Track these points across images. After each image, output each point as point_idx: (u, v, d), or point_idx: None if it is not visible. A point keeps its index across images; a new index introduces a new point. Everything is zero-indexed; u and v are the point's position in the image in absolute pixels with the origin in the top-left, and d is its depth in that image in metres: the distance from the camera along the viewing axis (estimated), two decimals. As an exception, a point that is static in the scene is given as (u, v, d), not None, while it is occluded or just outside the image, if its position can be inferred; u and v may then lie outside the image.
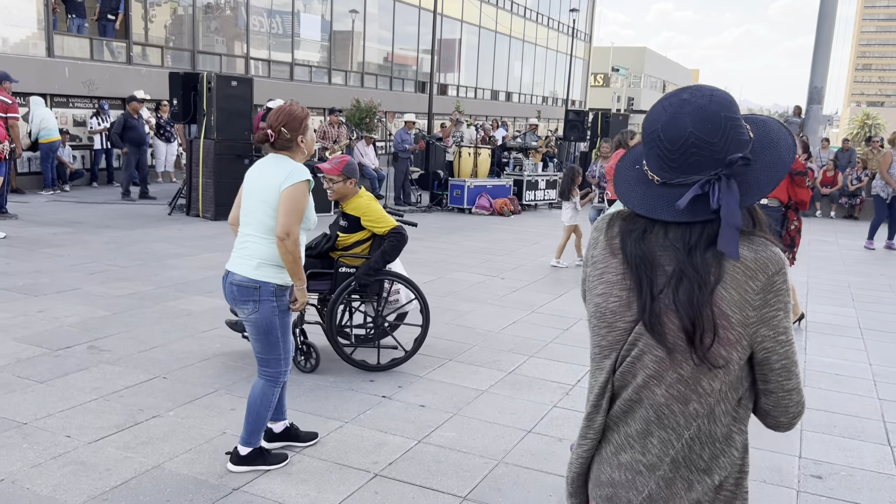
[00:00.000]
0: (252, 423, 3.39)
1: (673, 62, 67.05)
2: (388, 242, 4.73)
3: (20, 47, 13.78)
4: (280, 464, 3.47)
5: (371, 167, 15.03)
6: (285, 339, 3.37)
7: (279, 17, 20.29)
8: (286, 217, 3.20)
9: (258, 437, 3.43)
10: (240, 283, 3.25)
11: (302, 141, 3.32)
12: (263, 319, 3.28)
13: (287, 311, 3.37)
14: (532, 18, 35.82)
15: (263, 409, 3.38)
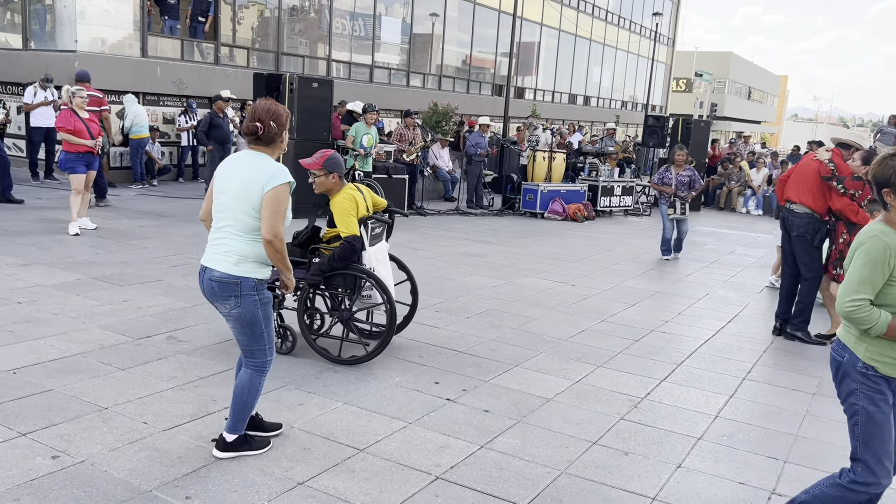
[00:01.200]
0: (239, 412, 3.49)
1: (760, 68, 64.77)
2: (338, 248, 4.80)
3: (117, 48, 14.47)
4: (264, 448, 3.58)
5: (445, 170, 15.12)
6: (269, 330, 3.47)
7: (361, 20, 20.63)
8: (272, 219, 3.26)
9: (244, 425, 3.53)
10: (220, 279, 3.32)
11: (283, 139, 3.42)
12: (247, 314, 3.37)
13: (268, 302, 3.44)
14: (613, 22, 35.28)
15: (251, 398, 3.49)
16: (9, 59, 14.36)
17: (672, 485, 3.56)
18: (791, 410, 4.68)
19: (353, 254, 4.77)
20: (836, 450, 4.11)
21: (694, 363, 5.51)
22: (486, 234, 11.23)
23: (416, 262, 8.54)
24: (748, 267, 10.02)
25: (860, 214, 5.98)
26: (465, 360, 5.18)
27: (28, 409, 3.84)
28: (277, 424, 3.83)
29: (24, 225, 8.83)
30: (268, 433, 3.74)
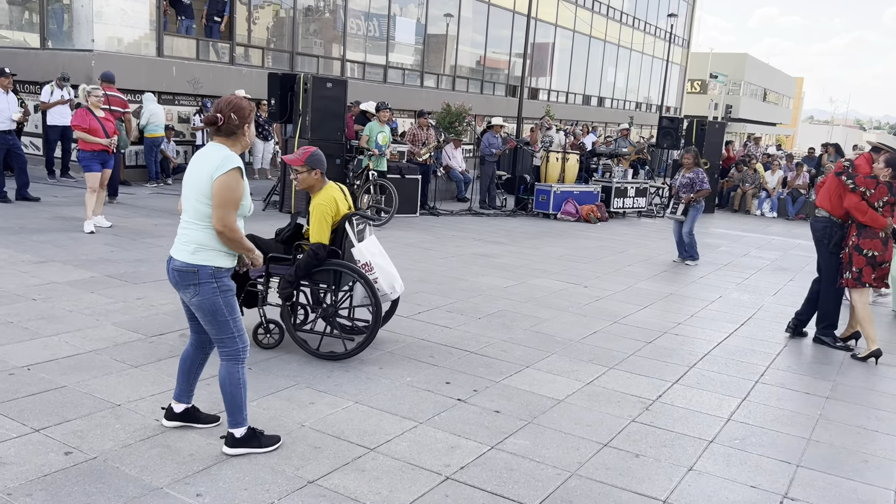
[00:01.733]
0: (230, 405, 3.49)
1: (775, 69, 64.32)
2: (303, 258, 4.82)
3: (133, 47, 14.57)
4: (274, 446, 3.57)
5: (458, 170, 15.12)
6: (234, 318, 3.45)
7: (376, 21, 20.68)
8: (220, 209, 3.29)
9: (242, 416, 3.51)
10: (179, 268, 3.36)
11: (246, 131, 3.43)
12: (206, 301, 3.38)
13: (228, 290, 3.43)
14: (628, 23, 35.15)
15: (235, 388, 3.48)
16: (27, 58, 14.50)
17: (683, 488, 3.54)
18: (804, 414, 4.64)
19: (317, 263, 4.78)
20: (849, 454, 4.07)
21: (706, 366, 5.48)
22: (498, 234, 11.22)
23: (429, 262, 8.54)
24: (762, 269, 9.95)
25: (868, 214, 5.83)
26: (476, 360, 5.17)
27: (42, 405, 3.88)
28: (214, 417, 3.82)
29: (40, 222, 8.91)
30: (204, 424, 3.75)
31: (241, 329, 3.49)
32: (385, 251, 5.30)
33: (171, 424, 3.73)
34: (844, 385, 5.30)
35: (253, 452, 3.52)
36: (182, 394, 3.74)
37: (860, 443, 4.25)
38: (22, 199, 10.29)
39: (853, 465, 3.94)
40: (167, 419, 3.74)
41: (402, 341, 5.46)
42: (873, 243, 5.90)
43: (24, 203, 10.18)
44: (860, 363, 5.87)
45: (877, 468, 3.93)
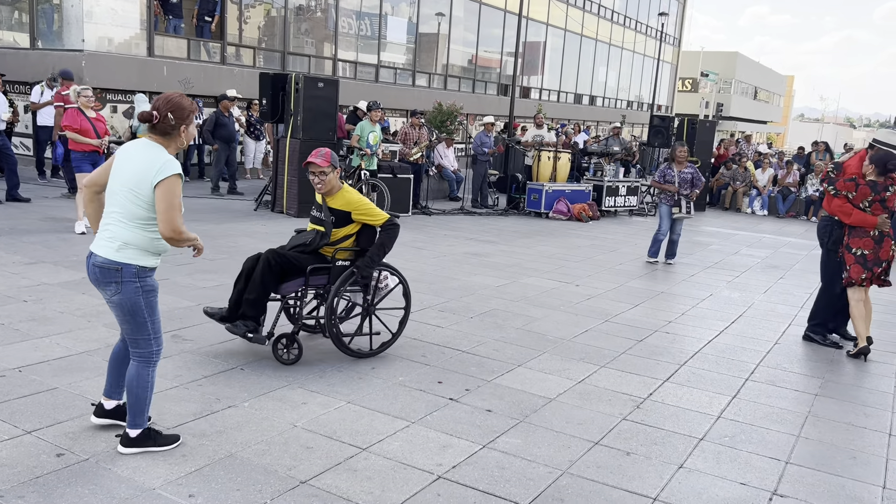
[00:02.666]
0: (133, 405, 3.43)
1: (766, 68, 64.58)
2: (385, 234, 4.94)
3: (123, 47, 14.53)
4: (172, 444, 3.52)
5: (450, 169, 15.13)
6: (153, 320, 3.40)
7: (367, 20, 20.67)
8: (167, 213, 3.23)
9: (143, 419, 3.46)
10: (101, 264, 3.29)
11: (183, 132, 3.36)
12: (127, 301, 3.32)
13: (151, 291, 3.38)
14: (619, 22, 35.24)
15: (141, 390, 3.43)
16: (16, 58, 14.44)
17: (674, 485, 3.57)
18: (793, 411, 4.68)
19: (398, 232, 5.03)
20: (837, 451, 4.11)
21: (697, 364, 5.51)
22: (490, 233, 11.24)
23: (421, 261, 8.55)
24: (752, 268, 10.00)
25: (854, 216, 5.88)
26: (468, 359, 5.19)
27: (33, 406, 3.87)
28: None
29: (30, 223, 8.88)
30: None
31: (158, 331, 3.44)
32: None
33: (100, 422, 3.66)
34: (834, 382, 5.34)
35: (148, 451, 3.46)
36: (112, 390, 3.66)
37: (849, 439, 4.29)
38: (12, 199, 10.24)
39: (842, 462, 3.97)
40: (96, 416, 3.67)
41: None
42: (863, 241, 5.93)
43: (14, 204, 10.13)
44: (850, 360, 5.92)
45: (865, 464, 3.96)
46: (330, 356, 5.01)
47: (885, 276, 6.05)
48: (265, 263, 4.76)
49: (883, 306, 8.04)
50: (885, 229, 5.93)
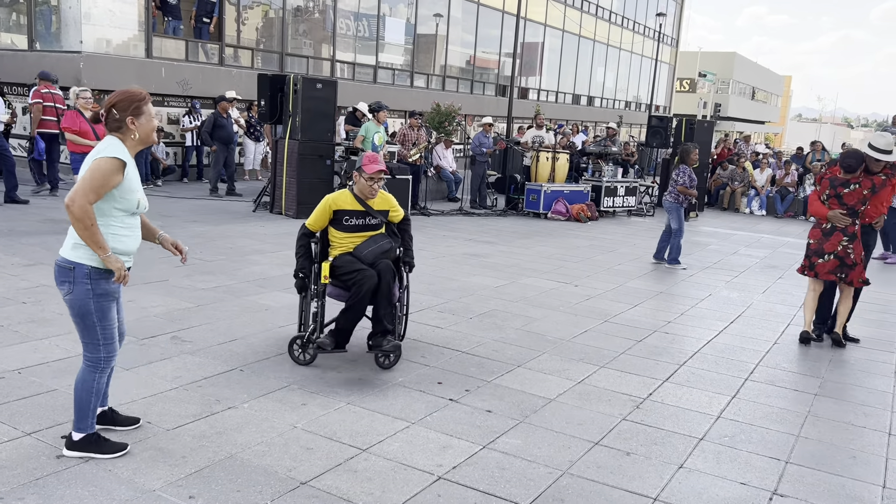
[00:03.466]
0: (77, 408, 3.37)
1: (764, 68, 64.67)
2: (409, 228, 5.18)
3: (122, 48, 14.52)
4: (117, 452, 3.41)
5: (449, 170, 15.13)
6: (103, 325, 3.29)
7: (365, 21, 20.67)
8: (80, 185, 3.10)
9: (86, 423, 3.38)
10: (58, 263, 3.26)
11: (133, 123, 3.24)
12: (77, 301, 3.23)
13: (104, 295, 3.26)
14: (617, 22, 35.27)
15: (85, 393, 3.35)
16: (14, 60, 14.43)
17: (674, 485, 3.57)
18: (793, 411, 4.68)
19: None
20: (837, 450, 4.11)
21: (696, 364, 5.52)
22: (489, 234, 11.24)
23: (420, 262, 8.53)
24: (751, 268, 10.01)
25: (811, 207, 6.22)
26: (467, 360, 5.19)
27: (33, 408, 3.87)
28: (134, 419, 3.71)
29: (29, 225, 8.87)
30: (122, 427, 3.65)
31: (108, 338, 3.33)
32: None
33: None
34: (833, 382, 5.34)
35: (93, 457, 3.37)
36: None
37: (848, 439, 4.30)
38: (10, 201, 10.23)
39: (842, 461, 3.98)
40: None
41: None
42: (812, 232, 6.20)
43: (12, 206, 10.12)
44: (850, 360, 5.93)
45: (865, 464, 3.97)
46: (329, 358, 5.01)
47: (841, 274, 6.05)
48: (391, 275, 4.82)
49: (881, 306, 8.05)
50: (839, 224, 6.01)
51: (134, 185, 3.29)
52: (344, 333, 4.81)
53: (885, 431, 4.46)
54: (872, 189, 5.93)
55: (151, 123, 3.32)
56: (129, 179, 3.26)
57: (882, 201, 6.06)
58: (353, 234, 4.92)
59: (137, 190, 3.31)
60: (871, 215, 6.09)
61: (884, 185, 5.97)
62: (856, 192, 5.96)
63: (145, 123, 3.29)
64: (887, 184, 5.98)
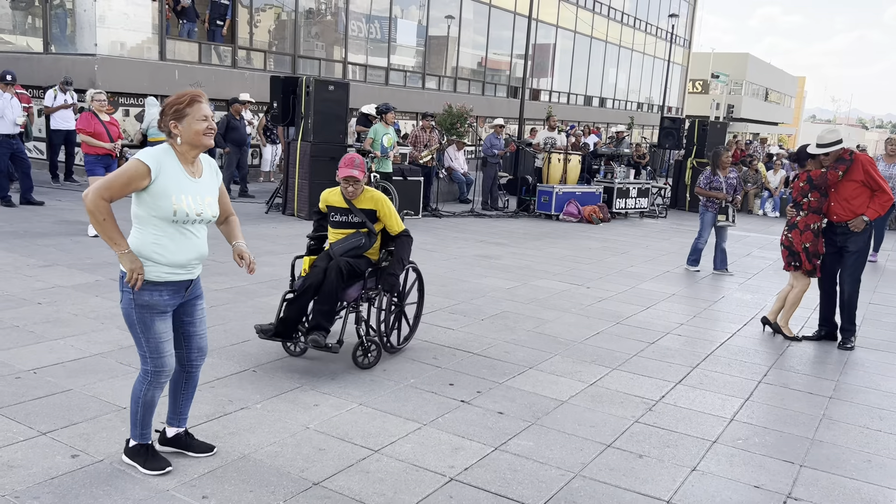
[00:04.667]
0: (130, 414, 3.33)
1: (777, 69, 64.28)
2: (404, 245, 5.03)
3: (136, 51, 14.62)
4: (155, 471, 3.29)
5: (460, 171, 15.14)
6: (147, 338, 3.18)
7: (377, 23, 20.71)
8: (99, 181, 3.10)
9: (136, 432, 3.33)
10: None
11: (175, 127, 3.16)
12: (123, 310, 3.19)
13: (147, 307, 3.15)
14: (629, 24, 35.17)
15: (133, 403, 3.29)
16: (30, 63, 14.56)
17: (686, 488, 3.56)
18: (807, 414, 4.65)
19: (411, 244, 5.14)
20: (852, 454, 4.08)
21: (709, 366, 5.49)
22: (500, 235, 11.24)
23: (431, 263, 8.56)
24: (764, 270, 9.95)
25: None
26: (479, 361, 5.19)
27: (48, 408, 3.90)
28: (209, 446, 3.56)
29: (44, 226, 8.95)
30: (195, 453, 3.51)
31: (154, 351, 3.20)
32: None
33: (164, 449, 3.49)
34: (847, 385, 5.30)
35: (135, 468, 3.32)
36: (171, 417, 3.53)
37: (863, 442, 4.26)
38: (26, 203, 10.33)
39: (856, 465, 3.95)
40: (160, 443, 3.52)
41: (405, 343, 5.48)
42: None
43: (28, 207, 10.22)
44: (864, 362, 5.88)
45: (880, 467, 3.94)
46: (341, 358, 5.03)
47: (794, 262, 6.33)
48: (338, 272, 4.71)
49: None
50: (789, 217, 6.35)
51: (168, 191, 3.13)
52: (286, 322, 4.78)
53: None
54: (809, 181, 6.14)
55: (194, 126, 3.16)
56: (162, 186, 3.12)
57: (845, 199, 6.04)
58: (337, 230, 5.04)
59: (172, 196, 3.13)
60: (837, 213, 6.08)
61: (823, 178, 6.08)
62: (795, 184, 6.33)
63: (187, 127, 3.16)
64: (827, 176, 6.06)
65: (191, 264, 3.29)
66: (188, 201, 3.19)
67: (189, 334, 3.40)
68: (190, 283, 3.32)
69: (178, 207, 3.16)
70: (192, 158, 3.28)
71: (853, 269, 6.16)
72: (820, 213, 6.15)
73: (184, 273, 3.26)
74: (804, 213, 6.19)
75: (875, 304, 8.05)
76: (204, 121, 3.19)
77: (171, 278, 3.21)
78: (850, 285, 6.18)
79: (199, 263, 3.37)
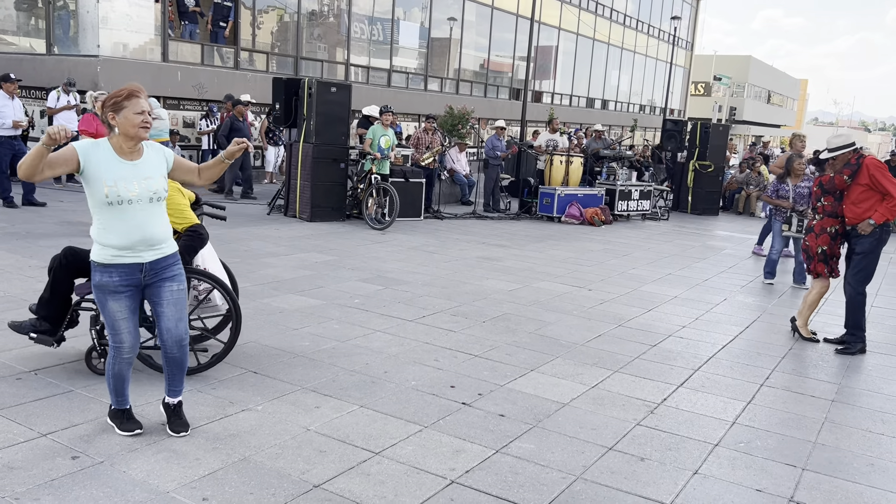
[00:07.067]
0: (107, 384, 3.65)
1: (779, 71, 64.23)
2: (182, 241, 4.43)
3: (138, 52, 14.64)
4: (126, 432, 3.64)
5: (462, 173, 15.13)
6: (105, 315, 3.47)
7: (380, 25, 20.73)
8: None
9: (113, 398, 3.66)
10: None
11: (113, 119, 3.35)
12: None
13: (100, 287, 3.41)
14: (631, 26, 35.17)
15: (106, 374, 3.60)
16: (33, 64, 14.58)
17: (688, 491, 3.54)
18: (810, 417, 4.63)
19: (201, 244, 4.55)
20: (855, 458, 4.06)
21: (711, 369, 5.47)
22: (502, 237, 11.23)
23: (433, 265, 8.56)
24: (767, 272, 9.92)
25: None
26: (480, 364, 5.18)
27: (49, 409, 3.90)
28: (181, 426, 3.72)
29: (46, 227, 8.95)
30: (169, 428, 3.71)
31: (112, 328, 3.47)
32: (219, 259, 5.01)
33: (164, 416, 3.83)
34: (850, 388, 5.29)
35: (113, 428, 3.69)
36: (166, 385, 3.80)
37: (866, 446, 4.25)
38: (28, 204, 10.34)
39: (859, 469, 3.93)
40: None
41: (406, 345, 5.48)
42: None
43: (30, 208, 10.23)
44: (865, 366, 5.86)
45: (883, 471, 3.92)
46: (341, 360, 5.02)
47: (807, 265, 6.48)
48: (58, 262, 4.42)
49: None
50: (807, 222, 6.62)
51: (99, 175, 3.32)
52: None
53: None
54: (820, 185, 6.23)
55: (130, 119, 3.34)
56: (93, 171, 3.32)
57: (853, 202, 6.04)
58: None
59: (103, 180, 3.32)
60: (849, 216, 6.10)
61: (832, 182, 6.13)
62: (813, 189, 6.46)
63: (123, 120, 3.35)
64: (835, 181, 6.10)
65: (136, 247, 3.43)
66: (121, 184, 3.36)
67: (157, 315, 3.60)
68: (142, 266, 3.47)
69: (110, 190, 3.34)
70: (129, 149, 3.44)
71: (857, 271, 6.15)
72: (835, 217, 6.17)
73: (131, 256, 3.43)
74: (819, 216, 6.27)
75: (878, 308, 8.03)
76: (140, 114, 3.36)
77: (119, 261, 3.42)
78: (853, 287, 6.16)
79: (151, 248, 3.48)
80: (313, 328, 5.71)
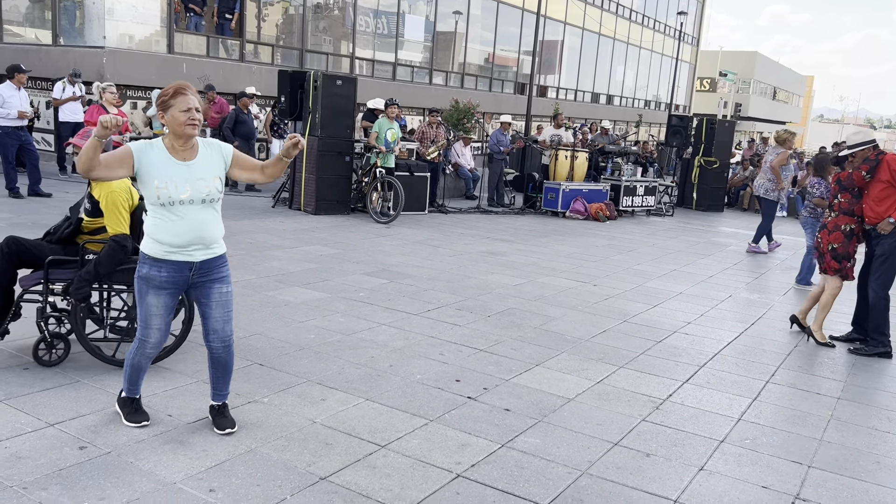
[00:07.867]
0: (123, 370, 3.68)
1: (785, 67, 63.99)
2: (104, 249, 4.22)
3: (144, 44, 14.63)
4: (133, 423, 3.66)
5: (466, 167, 15.11)
6: (141, 307, 3.48)
7: (385, 18, 20.69)
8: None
9: (126, 386, 3.69)
10: None
11: (163, 118, 3.38)
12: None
13: (144, 279, 3.42)
14: (638, 21, 35.05)
15: (126, 362, 3.63)
16: (38, 55, 14.58)
17: (694, 487, 3.54)
18: (815, 414, 4.63)
19: (123, 256, 4.23)
20: (861, 455, 4.06)
21: (717, 365, 5.47)
22: (507, 232, 11.22)
23: (437, 259, 8.55)
24: (772, 269, 9.92)
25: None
26: (485, 358, 5.18)
27: (57, 399, 3.91)
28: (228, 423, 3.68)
29: (51, 218, 8.96)
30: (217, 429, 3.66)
31: (144, 321, 3.49)
32: None
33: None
34: (856, 386, 5.28)
35: (119, 416, 3.73)
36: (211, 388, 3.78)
37: (872, 444, 4.24)
38: (34, 194, 10.35)
39: (865, 467, 3.93)
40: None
41: (412, 338, 5.48)
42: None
43: (36, 199, 10.24)
44: (872, 363, 5.85)
45: (889, 469, 3.92)
46: (347, 353, 5.03)
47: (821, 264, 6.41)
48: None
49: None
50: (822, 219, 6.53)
51: (151, 176, 3.33)
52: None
53: (910, 437, 4.41)
54: (838, 182, 6.22)
55: (178, 118, 3.33)
56: (145, 172, 3.33)
57: (872, 200, 5.97)
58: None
59: (155, 181, 3.32)
60: (867, 214, 6.04)
61: (850, 179, 6.10)
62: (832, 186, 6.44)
63: (171, 118, 3.35)
64: (853, 177, 6.06)
65: (189, 246, 3.41)
66: (171, 185, 3.35)
67: (204, 315, 3.58)
68: (192, 265, 3.45)
69: (161, 191, 3.34)
70: (181, 148, 3.42)
71: (879, 274, 6.00)
72: (851, 215, 6.10)
73: (181, 254, 3.42)
74: (835, 214, 6.21)
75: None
76: (186, 112, 3.33)
77: (170, 257, 3.41)
78: (876, 291, 6.01)
79: (203, 248, 3.47)
80: (319, 321, 5.72)
